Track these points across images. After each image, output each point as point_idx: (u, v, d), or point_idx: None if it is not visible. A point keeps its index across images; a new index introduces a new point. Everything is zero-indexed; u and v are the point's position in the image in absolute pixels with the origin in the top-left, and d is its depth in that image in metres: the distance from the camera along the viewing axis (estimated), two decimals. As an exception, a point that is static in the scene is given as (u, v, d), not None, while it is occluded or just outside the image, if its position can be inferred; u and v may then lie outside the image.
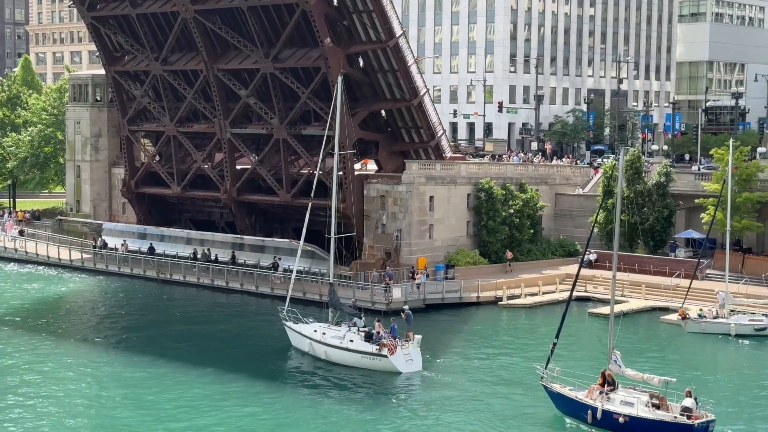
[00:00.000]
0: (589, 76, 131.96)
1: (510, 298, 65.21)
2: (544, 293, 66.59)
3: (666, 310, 62.51)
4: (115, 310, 64.82)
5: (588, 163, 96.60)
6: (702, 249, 66.94)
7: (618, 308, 62.55)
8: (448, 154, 76.71)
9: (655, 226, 73.17)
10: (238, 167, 79.68)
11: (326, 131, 57.89)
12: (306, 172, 75.80)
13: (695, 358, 52.97)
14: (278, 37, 72.79)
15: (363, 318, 51.86)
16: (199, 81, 78.48)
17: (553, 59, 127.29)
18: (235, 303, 67.18)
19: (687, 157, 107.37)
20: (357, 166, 77.43)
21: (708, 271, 69.18)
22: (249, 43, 74.10)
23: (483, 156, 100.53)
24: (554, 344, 42.01)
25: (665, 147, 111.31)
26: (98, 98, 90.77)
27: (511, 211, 73.13)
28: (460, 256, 71.01)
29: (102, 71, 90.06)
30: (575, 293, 66.31)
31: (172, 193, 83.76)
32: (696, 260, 64.30)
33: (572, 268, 71.93)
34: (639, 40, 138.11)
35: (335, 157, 55.85)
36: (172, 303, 67.34)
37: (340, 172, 72.97)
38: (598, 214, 63.97)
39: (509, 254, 70.76)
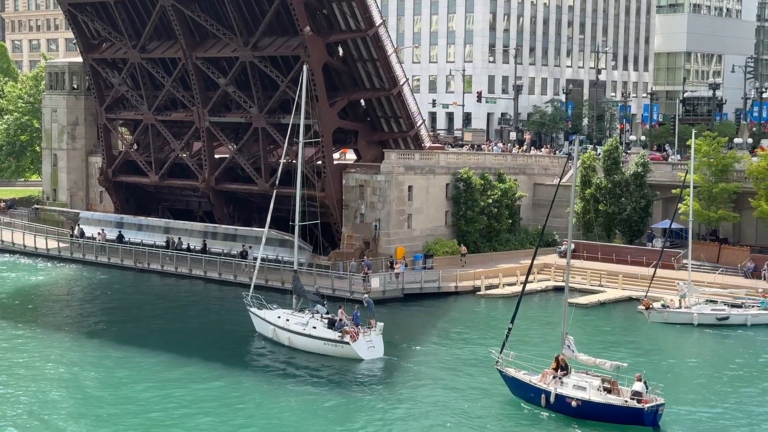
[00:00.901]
0: (567, 66, 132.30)
1: (488, 287, 65.39)
2: (521, 283, 66.66)
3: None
4: (90, 299, 64.69)
5: (566, 154, 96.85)
6: (665, 239, 67.22)
7: (596, 298, 63.40)
8: (427, 143, 76.76)
9: (633, 217, 73.55)
10: (216, 156, 79.40)
11: (291, 120, 57.79)
12: (285, 161, 75.53)
13: (654, 346, 53.37)
14: (257, 26, 72.50)
15: (326, 305, 52.38)
16: (178, 69, 78.08)
17: (532, 49, 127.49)
18: (205, 291, 67.21)
19: (667, 148, 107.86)
20: (336, 155, 77.38)
21: (684, 261, 69.56)
22: (228, 31, 73.76)
23: (462, 146, 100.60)
24: (509, 329, 42.63)
25: (643, 138, 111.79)
26: (75, 86, 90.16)
27: (490, 201, 73.30)
28: (438, 245, 71.12)
29: (79, 59, 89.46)
30: (553, 283, 67.53)
31: (150, 182, 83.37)
32: (660, 250, 64.64)
33: (550, 258, 72.37)
34: (617, 30, 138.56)
35: (300, 145, 56.49)
36: (146, 291, 67.20)
37: (318, 162, 73.09)
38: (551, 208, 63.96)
39: (463, 249, 70.63)
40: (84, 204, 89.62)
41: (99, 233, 79.95)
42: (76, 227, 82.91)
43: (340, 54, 73.46)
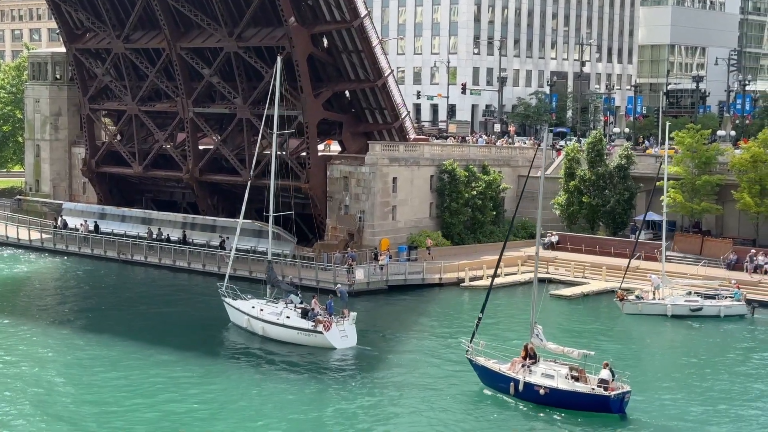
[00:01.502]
0: (552, 58, 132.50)
1: (472, 279, 65.52)
2: (506, 275, 66.95)
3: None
4: (70, 290, 64.58)
5: (550, 146, 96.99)
6: (639, 231, 67.55)
7: (579, 290, 63.64)
8: (412, 135, 76.75)
9: (616, 209, 73.82)
10: (200, 147, 79.17)
11: (265, 111, 57.81)
12: (269, 152, 75.41)
13: (627, 337, 53.83)
14: (242, 16, 72.23)
15: (300, 295, 52.69)
16: (162, 59, 77.76)
17: (517, 41, 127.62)
18: (188, 282, 67.18)
19: (647, 142, 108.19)
20: (320, 146, 77.28)
21: (668, 253, 69.90)
22: (212, 21, 73.47)
23: (446, 138, 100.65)
24: (479, 319, 43.08)
25: (627, 130, 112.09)
26: (58, 76, 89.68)
27: (474, 192, 73.40)
28: (422, 237, 71.19)
29: (62, 49, 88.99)
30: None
31: (133, 173, 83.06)
32: (633, 241, 64.93)
33: (534, 250, 72.40)
34: (602, 23, 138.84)
35: (274, 136, 56.78)
36: (128, 283, 67.11)
37: (303, 153, 72.98)
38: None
39: (429, 242, 70.63)
40: (67, 195, 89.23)
41: (82, 224, 79.63)
42: (59, 218, 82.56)
43: (325, 45, 73.32)
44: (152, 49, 78.95)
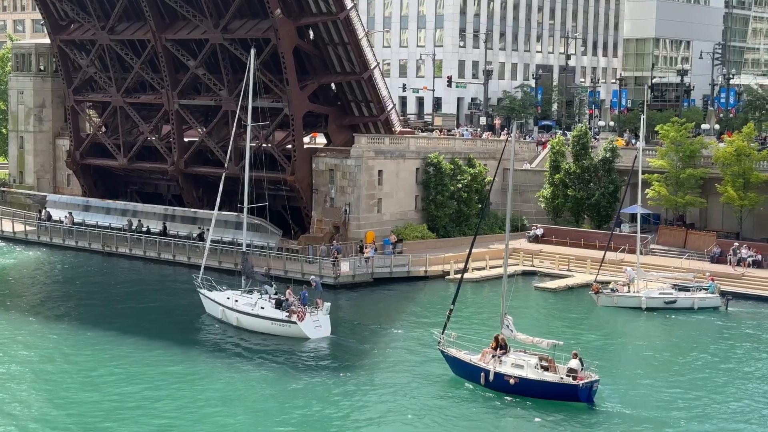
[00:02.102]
0: (537, 51, 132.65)
1: (457, 272, 65.53)
2: (491, 267, 67.13)
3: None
4: (52, 283, 64.51)
5: (535, 139, 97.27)
6: (614, 223, 67.86)
7: (564, 283, 63.85)
8: (398, 128, 76.78)
9: (601, 202, 74.10)
10: (185, 139, 78.96)
11: (250, 102, 57.86)
12: (254, 144, 75.30)
13: (601, 328, 54.20)
14: (228, 8, 72.04)
15: (274, 286, 53.02)
16: (147, 51, 77.48)
17: (503, 34, 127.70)
18: (173, 274, 67.20)
19: (626, 135, 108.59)
20: (306, 139, 77.22)
21: (652, 246, 70.32)
22: (198, 13, 73.23)
23: (432, 131, 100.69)
24: (450, 310, 43.63)
25: (612, 123, 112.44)
26: (42, 68, 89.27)
27: (459, 185, 73.52)
28: (408, 230, 71.27)
29: (46, 40, 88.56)
30: (522, 267, 67.93)
31: (118, 165, 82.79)
32: (619, 234, 65.19)
33: (519, 243, 72.80)
34: (587, 16, 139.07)
35: (248, 128, 57.34)
36: (111, 275, 66.99)
37: (288, 146, 72.92)
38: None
39: (393, 237, 70.66)
40: (51, 187, 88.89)
41: (66, 216, 79.39)
42: (43, 210, 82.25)
43: (311, 37, 73.22)
44: (137, 40, 78.66)
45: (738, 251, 65.25)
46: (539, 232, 73.72)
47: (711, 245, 67.46)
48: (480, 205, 75.46)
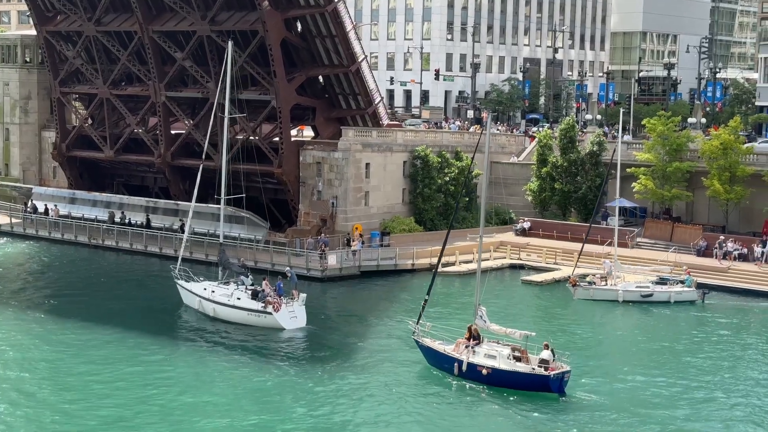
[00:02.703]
0: (525, 45, 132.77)
1: (445, 265, 65.64)
2: (478, 260, 67.09)
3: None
4: (36, 275, 64.40)
5: (523, 132, 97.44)
6: (594, 217, 68.02)
7: (550, 276, 63.98)
8: (385, 121, 76.74)
9: (588, 195, 74.22)
10: (172, 131, 78.71)
11: (225, 95, 57.95)
12: (242, 137, 75.19)
13: (577, 321, 54.54)
14: (215, 0, 71.80)
15: (250, 277, 53.40)
16: (134, 43, 77.17)
17: (490, 27, 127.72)
18: (155, 266, 67.16)
19: (606, 129, 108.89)
20: (293, 132, 77.12)
21: (639, 239, 70.53)
22: (185, 4, 72.94)
23: (419, 123, 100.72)
24: (425, 301, 43.90)
25: (599, 116, 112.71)
26: (28, 59, 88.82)
27: (447, 178, 73.54)
28: (395, 223, 71.29)
29: (31, 32, 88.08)
30: (509, 261, 68.08)
31: (104, 157, 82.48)
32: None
33: (506, 236, 72.90)
34: (574, 9, 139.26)
35: (225, 120, 57.51)
36: (95, 267, 66.89)
37: (276, 138, 72.78)
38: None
39: (357, 232, 70.54)
40: (37, 179, 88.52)
41: (52, 209, 79.09)
42: (29, 202, 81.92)
43: (299, 29, 73.07)
44: (124, 32, 78.33)
45: (724, 245, 65.50)
46: (526, 225, 73.84)
47: (697, 239, 67.70)
48: (467, 198, 75.54)
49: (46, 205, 80.00)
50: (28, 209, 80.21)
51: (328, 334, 49.23)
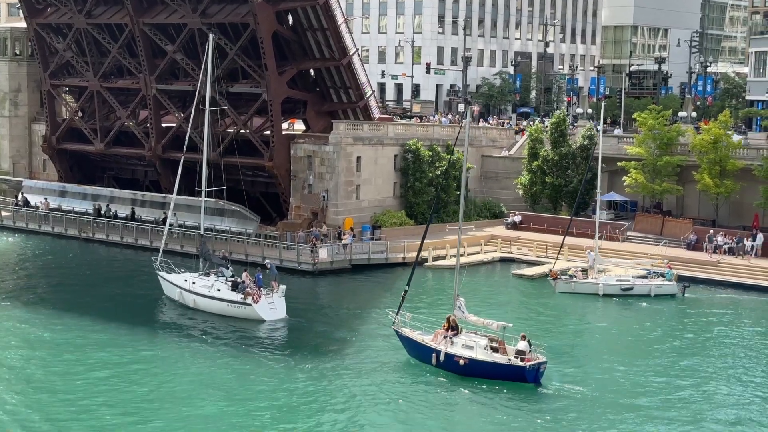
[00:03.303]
0: (516, 38, 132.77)
1: (435, 258, 65.76)
2: (469, 254, 67.27)
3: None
4: (24, 269, 64.31)
5: (513, 126, 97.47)
6: (574, 209, 68.16)
7: (541, 269, 64.06)
8: (377, 114, 76.70)
9: (579, 189, 74.24)
10: (163, 125, 78.52)
11: (198, 89, 57.95)
12: (232, 130, 75.09)
13: (557, 313, 54.88)
14: (205, -7, 71.63)
15: (231, 268, 53.86)
16: (125, 35, 76.94)
17: (481, 21, 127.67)
18: (144, 259, 66.88)
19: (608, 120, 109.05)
20: (284, 125, 77.01)
21: (629, 233, 70.71)
22: (175, -2, 72.75)
23: (411, 117, 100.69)
24: (405, 291, 44.26)
25: (590, 110, 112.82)
26: (18, 52, 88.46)
27: (438, 172, 73.55)
28: (386, 217, 71.30)
29: (21, 24, 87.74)
30: (499, 254, 68.20)
31: (95, 150, 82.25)
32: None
33: (497, 230, 72.99)
34: (565, 3, 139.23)
35: (206, 113, 57.89)
36: (84, 261, 66.93)
37: (267, 131, 72.69)
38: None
39: (317, 224, 70.45)
40: (27, 172, 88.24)
41: (41, 202, 78.89)
42: (20, 195, 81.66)
43: (290, 22, 72.93)
44: (115, 24, 78.05)
45: (714, 238, 65.70)
46: (517, 219, 73.95)
47: (687, 232, 67.89)
48: (458, 192, 75.40)
49: (45, 199, 79.74)
50: (19, 202, 79.97)
51: (308, 325, 49.75)
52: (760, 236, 65.34)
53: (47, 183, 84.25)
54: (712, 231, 66.78)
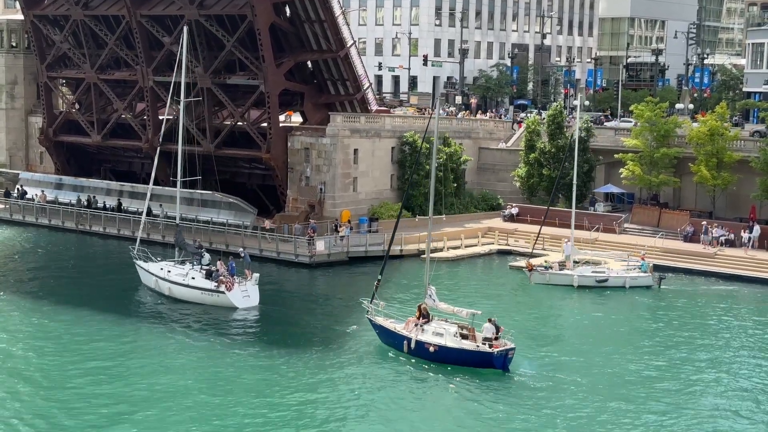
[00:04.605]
0: (513, 30, 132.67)
1: (433, 251, 65.65)
2: (466, 246, 67.36)
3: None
4: (16, 261, 64.63)
5: (511, 118, 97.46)
6: (552, 199, 68.20)
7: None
8: (374, 107, 76.66)
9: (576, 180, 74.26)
10: (160, 117, 78.37)
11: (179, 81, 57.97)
12: (230, 123, 75.05)
13: (532, 304, 55.33)
14: (202, -15, 71.51)
15: (207, 256, 54.83)
16: (122, 27, 76.80)
17: (478, 13, 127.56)
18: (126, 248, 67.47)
19: (609, 113, 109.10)
20: (281, 117, 76.95)
21: (626, 225, 70.79)
22: (172, -10, 72.63)
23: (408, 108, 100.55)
24: (378, 281, 45.28)
25: (587, 102, 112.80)
26: (14, 44, 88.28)
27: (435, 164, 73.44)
28: (383, 209, 71.31)
29: (17, 17, 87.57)
30: (497, 246, 68.27)
31: (92, 142, 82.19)
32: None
33: (494, 222, 73.05)
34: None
35: (181, 104, 58.44)
36: (69, 251, 67.34)
37: (264, 123, 72.65)
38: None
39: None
40: (24, 165, 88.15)
41: (38, 194, 78.86)
42: (17, 188, 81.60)
43: (288, 14, 72.83)
44: (112, 16, 77.92)
45: (709, 229, 65.72)
46: (514, 211, 74.00)
47: (684, 224, 67.97)
48: (455, 184, 75.52)
49: (42, 191, 79.81)
50: (17, 194, 79.93)
51: (283, 313, 50.82)
52: (756, 228, 65.40)
53: (44, 175, 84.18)
54: (704, 222, 66.79)
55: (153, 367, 40.98)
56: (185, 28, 58.95)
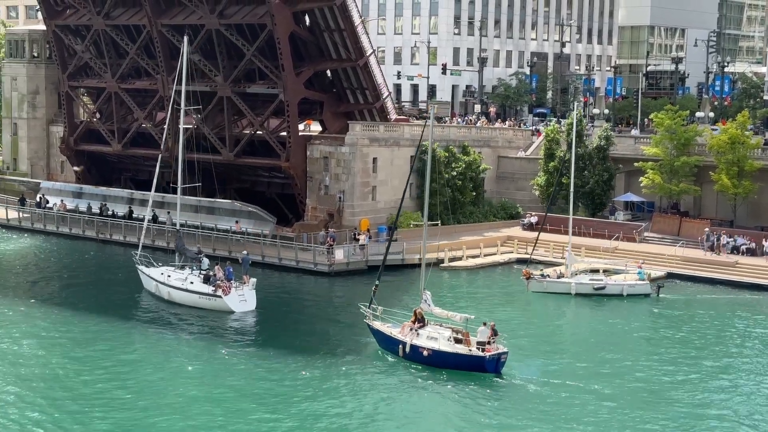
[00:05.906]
0: (532, 39, 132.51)
1: (452, 260, 65.71)
2: (485, 255, 67.24)
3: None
4: (29, 269, 65.10)
5: (531, 126, 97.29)
6: (548, 205, 67.90)
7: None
8: (393, 115, 76.71)
9: (595, 189, 74.16)
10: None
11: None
12: (249, 132, 75.27)
13: (529, 311, 55.53)
14: (222, -6, 71.80)
15: (206, 261, 55.97)
16: (142, 37, 77.25)
17: (497, 22, 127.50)
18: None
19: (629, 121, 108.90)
20: (300, 126, 77.14)
21: (646, 233, 70.49)
22: (192, -1, 72.97)
23: (426, 118, 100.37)
24: (376, 286, 46.34)
25: (606, 111, 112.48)
26: (35, 54, 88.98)
27: (454, 173, 73.49)
28: (403, 218, 71.19)
29: (39, 27, 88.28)
30: (516, 255, 68.08)
31: (112, 151, 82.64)
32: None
33: (514, 231, 72.88)
34: (582, 3, 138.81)
35: (181, 112, 59.56)
36: (82, 259, 67.95)
37: (283, 132, 72.84)
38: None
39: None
40: (45, 174, 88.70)
41: (58, 203, 79.31)
42: (39, 197, 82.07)
43: (307, 23, 73.07)
44: (133, 25, 78.40)
45: (720, 237, 65.29)
46: (533, 219, 73.79)
47: (703, 234, 67.57)
48: (474, 193, 75.38)
49: (62, 200, 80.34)
50: (30, 202, 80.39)
51: (279, 317, 51.56)
52: (778, 237, 64.99)
53: (65, 184, 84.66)
54: (708, 229, 66.39)
55: (146, 373, 41.45)
56: (185, 39, 59.54)
